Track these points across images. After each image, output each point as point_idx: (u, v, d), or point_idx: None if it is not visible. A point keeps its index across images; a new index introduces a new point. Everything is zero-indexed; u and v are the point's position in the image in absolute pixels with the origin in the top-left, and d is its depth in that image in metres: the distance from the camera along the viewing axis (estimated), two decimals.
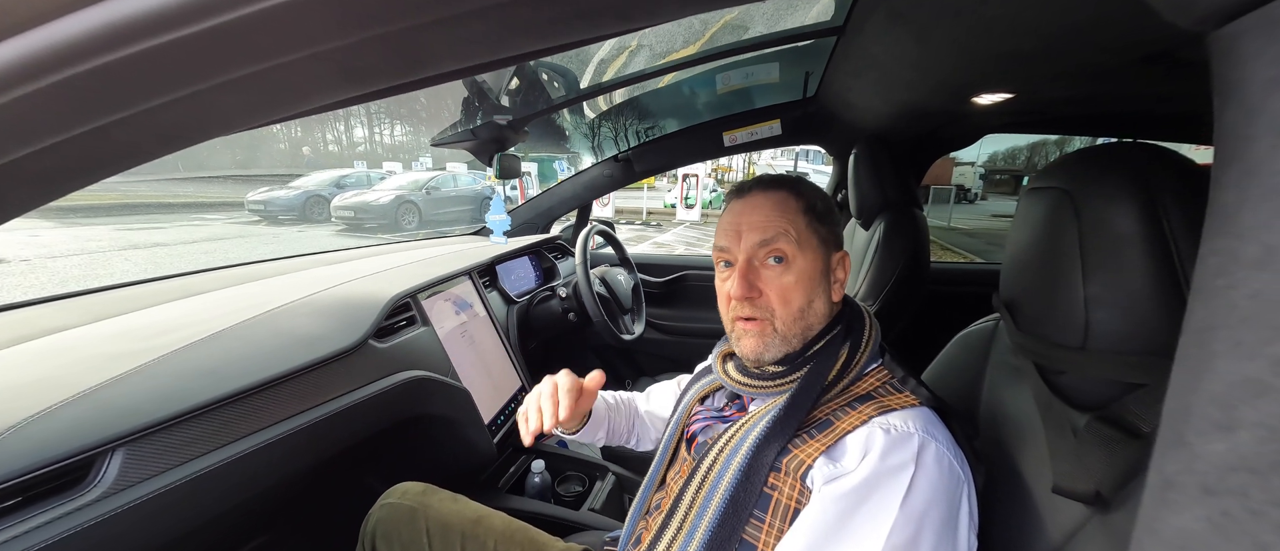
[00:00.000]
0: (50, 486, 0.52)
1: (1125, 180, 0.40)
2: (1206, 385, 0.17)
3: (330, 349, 0.80)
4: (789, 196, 0.57)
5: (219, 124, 0.28)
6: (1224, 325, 0.17)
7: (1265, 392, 0.15)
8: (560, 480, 1.18)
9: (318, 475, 0.81)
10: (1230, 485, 0.15)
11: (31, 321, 0.78)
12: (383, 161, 17.42)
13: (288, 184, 11.47)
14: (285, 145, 37.35)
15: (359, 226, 9.41)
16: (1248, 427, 0.15)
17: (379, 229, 9.28)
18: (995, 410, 0.59)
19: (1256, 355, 0.16)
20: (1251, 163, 0.18)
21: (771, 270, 0.56)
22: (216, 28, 0.23)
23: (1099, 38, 0.58)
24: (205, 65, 0.24)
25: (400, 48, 0.26)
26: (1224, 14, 0.18)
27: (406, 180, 10.90)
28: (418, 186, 10.39)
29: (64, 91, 0.25)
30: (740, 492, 0.50)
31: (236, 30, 0.23)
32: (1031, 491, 0.49)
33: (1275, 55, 0.17)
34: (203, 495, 0.62)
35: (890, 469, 0.45)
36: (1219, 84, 0.19)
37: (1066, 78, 0.79)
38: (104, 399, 0.58)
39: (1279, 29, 0.17)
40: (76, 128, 0.27)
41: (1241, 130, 0.18)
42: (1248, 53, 0.18)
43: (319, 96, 0.30)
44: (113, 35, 0.23)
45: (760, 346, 0.56)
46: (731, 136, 1.60)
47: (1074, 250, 0.42)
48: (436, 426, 1.01)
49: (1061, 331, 0.44)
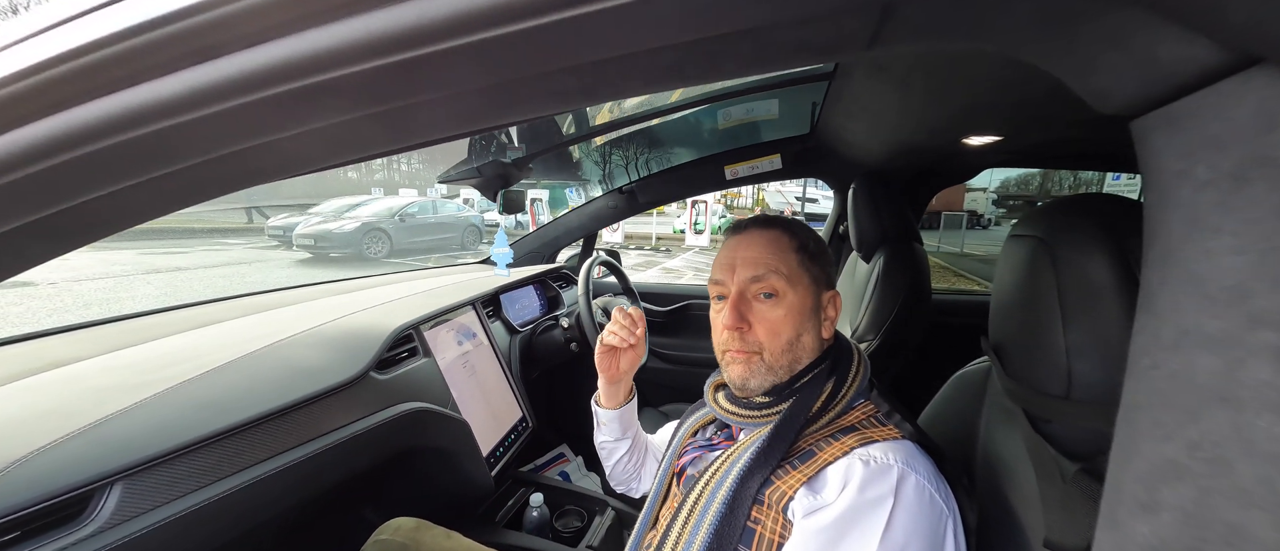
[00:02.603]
0: (48, 521, 0.53)
1: (1096, 230, 0.40)
2: (1133, 465, 0.17)
3: (331, 381, 0.81)
4: (782, 235, 0.59)
5: (217, 188, 0.31)
6: (1147, 406, 0.18)
7: (1183, 476, 0.16)
8: (558, 514, 1.16)
9: (316, 507, 0.82)
10: None
11: (40, 353, 0.81)
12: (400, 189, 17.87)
13: (306, 211, 11.73)
14: None
15: (323, 255, 8.87)
16: (1168, 510, 0.16)
17: (343, 259, 8.80)
18: (990, 453, 0.58)
19: (1174, 436, 0.16)
20: (1167, 247, 0.18)
21: (763, 305, 0.57)
22: (221, 113, 0.25)
23: (1071, 96, 0.60)
24: (205, 145, 0.27)
25: (394, 123, 0.28)
26: (1135, 108, 0.20)
27: (381, 206, 10.35)
28: (390, 213, 9.87)
29: (97, 160, 0.28)
30: (724, 527, 0.50)
31: (244, 114, 0.25)
32: (1027, 540, 0.48)
33: (1179, 148, 0.18)
34: (200, 529, 0.63)
35: (869, 502, 0.45)
36: (1142, 168, 0.21)
37: (1050, 125, 0.80)
38: (104, 433, 0.60)
39: (1182, 125, 0.18)
40: (96, 192, 0.29)
41: (1158, 215, 0.19)
42: (1157, 145, 0.19)
43: (317, 162, 0.32)
44: (136, 116, 0.26)
45: (746, 373, 0.57)
46: (733, 170, 1.63)
47: (1053, 299, 0.43)
48: (434, 458, 1.01)
49: (1046, 380, 0.44)
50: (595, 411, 0.81)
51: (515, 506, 1.20)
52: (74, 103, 0.26)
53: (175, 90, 0.25)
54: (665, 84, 0.26)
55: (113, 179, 0.30)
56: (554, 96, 0.27)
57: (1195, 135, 0.18)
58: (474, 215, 11.69)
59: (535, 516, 1.12)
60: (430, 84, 0.25)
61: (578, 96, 0.27)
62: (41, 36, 0.26)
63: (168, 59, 0.25)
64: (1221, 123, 0.17)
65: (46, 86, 0.25)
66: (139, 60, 0.25)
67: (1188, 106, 0.18)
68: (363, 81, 0.24)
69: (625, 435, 0.81)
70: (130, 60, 0.25)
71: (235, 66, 0.24)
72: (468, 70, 0.24)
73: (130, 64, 0.25)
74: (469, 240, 11.26)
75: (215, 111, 0.25)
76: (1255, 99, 0.17)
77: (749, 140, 1.63)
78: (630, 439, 0.81)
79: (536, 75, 0.24)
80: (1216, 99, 0.17)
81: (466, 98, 0.26)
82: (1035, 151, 1.20)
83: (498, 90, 0.26)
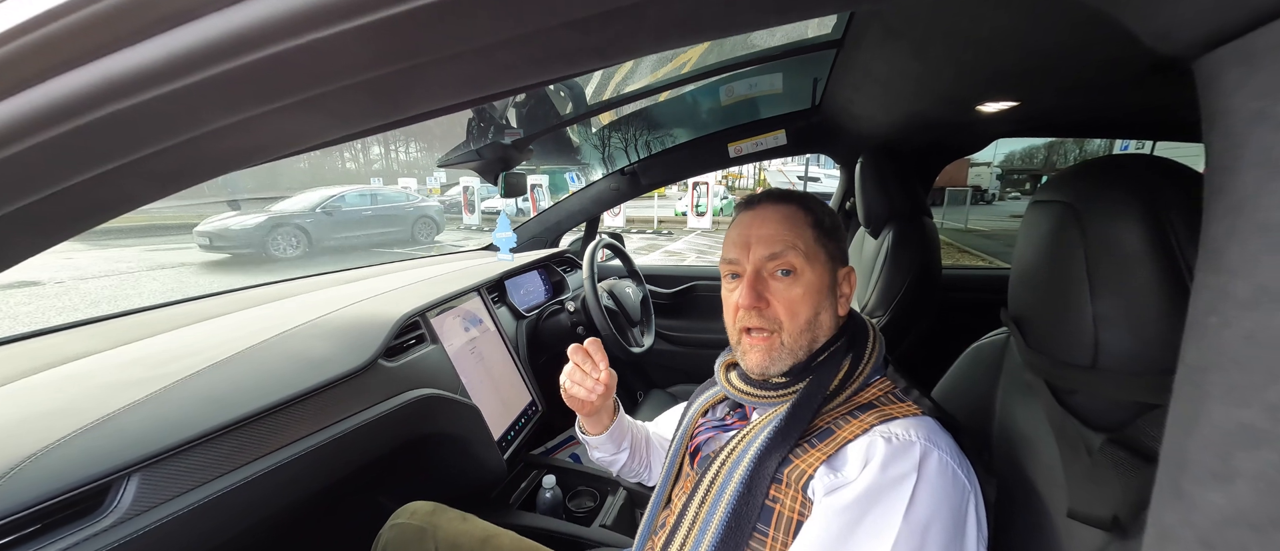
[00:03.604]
0: (68, 513, 0.53)
1: (1129, 195, 0.38)
2: (1201, 431, 0.16)
3: (340, 370, 0.81)
4: (798, 211, 0.58)
5: (211, 168, 0.29)
6: (1217, 366, 0.16)
7: (1262, 442, 0.15)
8: (572, 496, 1.17)
9: (330, 495, 0.82)
10: (1229, 540, 0.15)
11: (49, 350, 0.81)
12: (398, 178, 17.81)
13: (268, 207, 10.82)
14: (305, 164, 38.50)
15: (221, 251, 7.69)
16: (1246, 478, 0.15)
17: (249, 261, 7.58)
18: (1008, 427, 0.57)
19: (1251, 401, 0.15)
20: (1238, 197, 0.17)
21: (780, 282, 0.56)
22: (211, 79, 0.24)
23: (1095, 55, 0.57)
24: (201, 115, 0.25)
25: (383, 92, 0.27)
26: (1204, 43, 0.18)
27: (314, 197, 9.14)
28: (310, 207, 8.59)
29: (70, 141, 0.26)
30: (742, 506, 0.49)
31: (229, 80, 0.24)
32: (1048, 513, 0.48)
33: (1257, 87, 0.16)
34: (216, 518, 0.63)
35: (892, 479, 0.44)
36: (1206, 112, 0.19)
37: (1069, 89, 0.77)
38: (118, 426, 0.60)
39: (1260, 60, 0.16)
40: (75, 177, 0.28)
41: (1227, 162, 0.17)
42: (1229, 84, 0.17)
43: (307, 139, 0.31)
44: (115, 87, 0.25)
45: (767, 361, 0.56)
46: (737, 147, 1.60)
47: (1081, 267, 0.41)
48: (446, 444, 1.01)
49: (1071, 350, 0.43)
50: (581, 438, 0.77)
51: (528, 488, 1.21)
52: (45, 77, 0.24)
53: (153, 57, 0.23)
54: (678, 39, 0.24)
55: (95, 161, 0.28)
56: (560, 57, 0.25)
57: (1276, 70, 0.16)
58: (431, 204, 10.52)
59: (548, 498, 1.13)
60: (428, 43, 0.23)
61: (585, 56, 0.25)
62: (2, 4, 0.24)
63: (141, 25, 0.23)
64: None
65: (14, 59, 0.24)
66: (110, 27, 0.23)
67: (1268, 38, 0.16)
68: (358, 40, 0.22)
69: (621, 449, 0.77)
70: (100, 27, 0.23)
71: (217, 26, 0.23)
72: (469, 25, 0.22)
73: (100, 32, 0.23)
74: (422, 233, 9.89)
75: (201, 78, 0.24)
76: None
77: (752, 117, 1.59)
78: (628, 448, 0.78)
79: (540, 31, 0.23)
80: None
81: (469, 59, 0.24)
82: (1049, 116, 1.17)
83: (501, 50, 0.24)
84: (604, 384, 0.67)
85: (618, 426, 0.76)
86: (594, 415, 0.73)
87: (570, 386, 0.69)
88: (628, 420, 0.79)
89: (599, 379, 0.67)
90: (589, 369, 0.67)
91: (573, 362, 0.68)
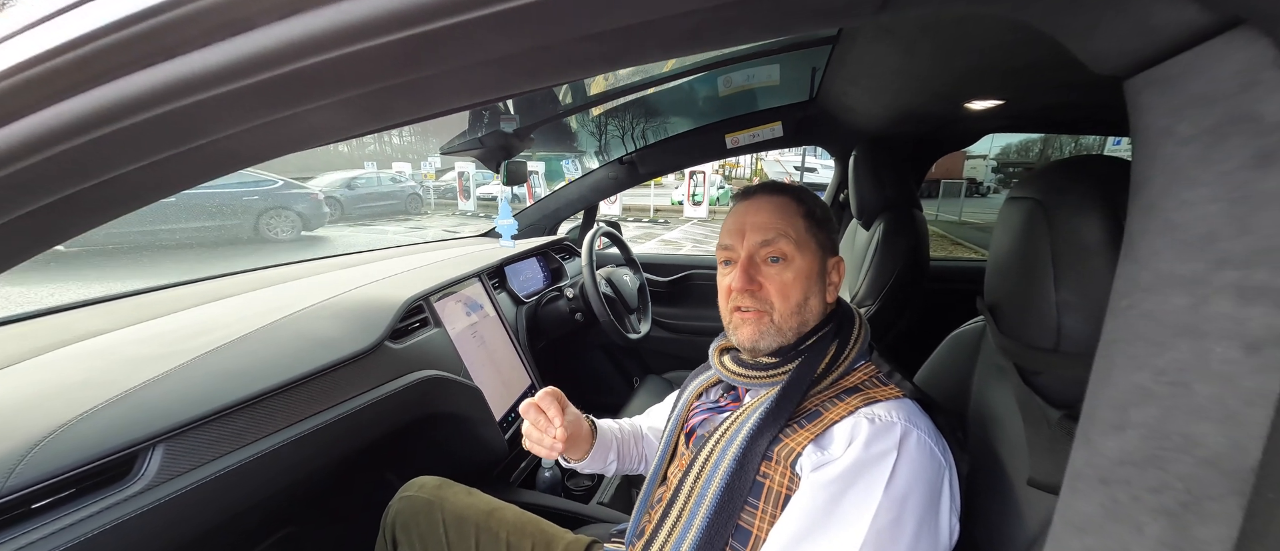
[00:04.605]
0: (100, 479, 0.57)
1: (1092, 192, 0.42)
2: (1107, 392, 0.20)
3: (349, 350, 0.84)
4: (791, 201, 0.61)
5: (247, 158, 0.32)
6: (1124, 340, 0.20)
7: (1149, 399, 0.18)
8: (570, 475, 1.22)
9: (339, 470, 0.86)
10: (1119, 476, 0.18)
11: (68, 326, 0.83)
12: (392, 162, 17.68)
13: (302, 186, 11.57)
14: None
15: None
16: (1135, 428, 0.18)
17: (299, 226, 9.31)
18: (982, 407, 0.61)
19: (1144, 366, 0.19)
20: (1149, 199, 0.20)
21: (772, 268, 0.59)
22: (257, 85, 0.26)
23: (1071, 57, 0.60)
24: (238, 116, 0.28)
25: (418, 93, 0.29)
26: (1129, 68, 0.21)
27: (334, 178, 12.04)
28: (340, 184, 11.77)
29: (135, 132, 0.29)
30: (735, 481, 0.53)
31: (274, 87, 0.27)
32: (1012, 484, 0.52)
33: (1166, 108, 0.20)
34: (234, 488, 0.67)
35: (874, 456, 0.48)
36: (1131, 126, 0.22)
37: (1055, 89, 0.80)
38: (143, 399, 0.63)
39: (1169, 86, 0.20)
40: (139, 163, 0.31)
41: (1143, 169, 0.21)
42: (1146, 104, 0.21)
43: (337, 135, 0.33)
44: (176, 88, 0.27)
45: (756, 334, 0.59)
46: (733, 138, 1.62)
47: (1047, 258, 0.45)
48: (450, 424, 1.05)
49: (1037, 334, 0.47)
50: (567, 465, 0.76)
51: (527, 468, 1.25)
52: (118, 74, 0.27)
53: (211, 63, 0.26)
54: (683, 49, 0.27)
55: (152, 150, 0.31)
56: (575, 64, 0.28)
57: (1181, 94, 0.20)
58: (417, 186, 13.64)
59: (547, 477, 1.18)
60: (455, 54, 0.26)
61: (599, 63, 0.28)
62: (83, 8, 0.26)
63: (202, 32, 0.26)
64: (1205, 81, 0.19)
65: (93, 57, 0.26)
66: (176, 33, 0.26)
67: (1176, 67, 0.20)
68: (389, 54, 0.25)
69: (608, 461, 0.77)
70: (168, 33, 0.26)
71: (270, 38, 0.25)
72: (493, 40, 0.25)
73: (167, 37, 0.26)
74: (412, 207, 13.14)
75: (251, 83, 0.26)
76: (1237, 58, 0.18)
77: (750, 108, 1.61)
78: (614, 457, 0.78)
79: (560, 43, 0.26)
80: (1202, 59, 0.19)
81: (490, 67, 0.27)
82: (1036, 115, 1.20)
83: (521, 58, 0.27)
84: (559, 439, 0.66)
85: (600, 442, 0.75)
86: (571, 448, 0.72)
87: (530, 445, 0.68)
88: (608, 430, 0.78)
89: (557, 436, 0.65)
90: (542, 425, 0.66)
91: (529, 421, 0.67)
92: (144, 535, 0.58)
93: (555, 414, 0.66)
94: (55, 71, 0.29)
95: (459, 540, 0.76)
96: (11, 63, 0.29)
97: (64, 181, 0.32)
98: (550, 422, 0.66)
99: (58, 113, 0.29)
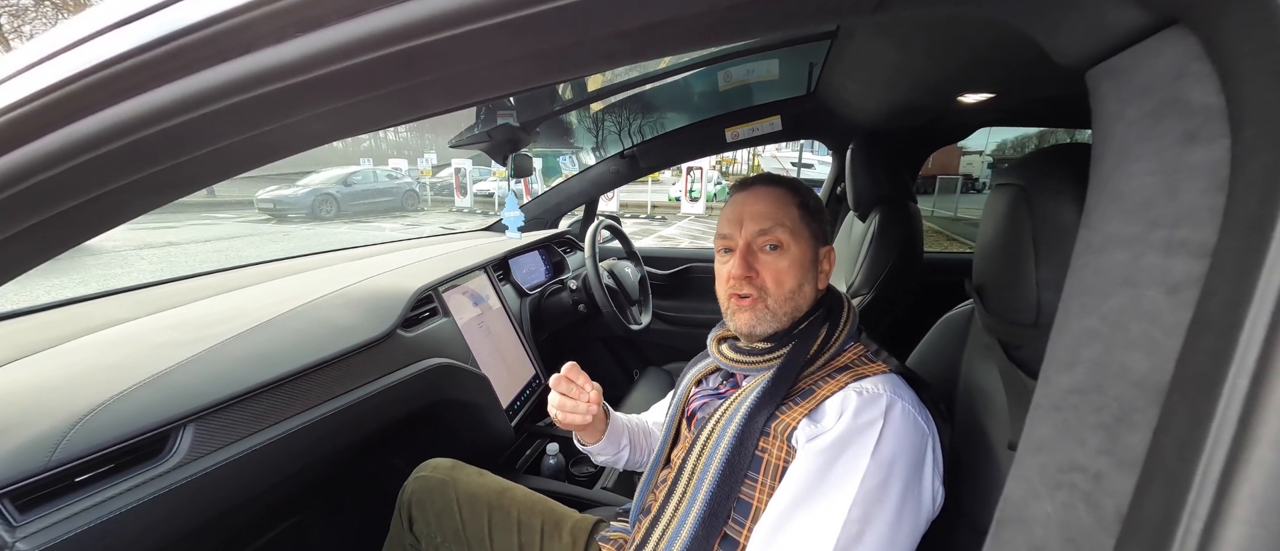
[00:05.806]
0: (135, 456, 0.60)
1: (1069, 178, 0.46)
2: (1062, 338, 0.23)
3: (363, 337, 0.87)
4: (786, 192, 0.64)
5: (249, 163, 0.35)
6: (1078, 293, 0.23)
7: (1094, 338, 0.22)
8: (574, 462, 1.25)
9: (353, 454, 0.89)
10: (1069, 403, 0.22)
11: (91, 314, 0.86)
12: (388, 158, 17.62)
13: (296, 183, 11.65)
14: None
15: (282, 216, 10.87)
16: (1083, 364, 0.22)
17: (298, 219, 10.75)
18: (970, 384, 0.65)
19: (1092, 312, 0.22)
20: (1103, 174, 0.24)
21: (768, 256, 0.63)
22: (261, 96, 0.29)
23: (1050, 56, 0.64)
24: (243, 126, 0.31)
25: (453, 86, 0.33)
26: (1088, 61, 0.24)
27: (330, 175, 12.29)
28: (336, 180, 11.90)
29: (173, 133, 0.32)
30: (735, 456, 0.57)
31: (284, 96, 0.30)
32: (995, 449, 0.56)
33: (1117, 95, 0.23)
34: (260, 467, 0.70)
35: (862, 425, 0.52)
36: (1093, 113, 0.26)
37: (1042, 81, 0.84)
38: (172, 381, 0.66)
39: (1121, 76, 0.23)
40: (147, 170, 0.34)
41: (1099, 148, 0.24)
42: (1102, 92, 0.24)
43: (381, 123, 0.36)
44: (185, 103, 0.30)
45: (753, 320, 0.63)
46: (733, 132, 1.65)
47: (1028, 240, 0.48)
48: (459, 410, 1.08)
49: (1019, 310, 0.50)
50: (583, 450, 0.79)
51: (533, 455, 1.28)
52: (134, 93, 0.30)
53: (219, 80, 0.29)
54: (700, 43, 0.30)
55: (163, 159, 0.34)
56: (604, 57, 0.31)
57: (1129, 84, 0.23)
58: (413, 182, 13.88)
59: (552, 463, 1.21)
60: (498, 50, 0.29)
61: (625, 56, 0.31)
62: (103, 37, 0.29)
63: (212, 53, 0.29)
64: (1146, 72, 0.22)
65: (108, 81, 0.29)
66: (188, 55, 0.29)
67: (1125, 61, 0.23)
68: (437, 52, 0.28)
69: (621, 447, 0.80)
70: (179, 56, 0.29)
71: (286, 53, 0.28)
72: (533, 36, 0.28)
73: (179, 59, 0.29)
74: (408, 204, 13.36)
75: (256, 95, 0.29)
76: (1172, 52, 0.21)
77: (748, 102, 1.64)
78: (628, 444, 0.81)
79: (592, 38, 0.29)
80: (1144, 53, 0.22)
81: (526, 60, 0.30)
82: (1025, 109, 1.24)
83: (557, 53, 0.30)
84: (594, 402, 0.70)
85: (613, 428, 0.78)
86: (589, 431, 0.76)
87: (563, 415, 0.70)
88: (620, 418, 0.81)
89: (590, 398, 0.69)
90: (576, 392, 0.70)
91: (558, 392, 0.70)
92: (176, 508, 0.61)
93: (585, 381, 0.70)
94: (119, 75, 0.31)
95: (472, 518, 0.79)
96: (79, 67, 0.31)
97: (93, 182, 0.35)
98: (582, 389, 0.70)
99: (81, 128, 0.32)
